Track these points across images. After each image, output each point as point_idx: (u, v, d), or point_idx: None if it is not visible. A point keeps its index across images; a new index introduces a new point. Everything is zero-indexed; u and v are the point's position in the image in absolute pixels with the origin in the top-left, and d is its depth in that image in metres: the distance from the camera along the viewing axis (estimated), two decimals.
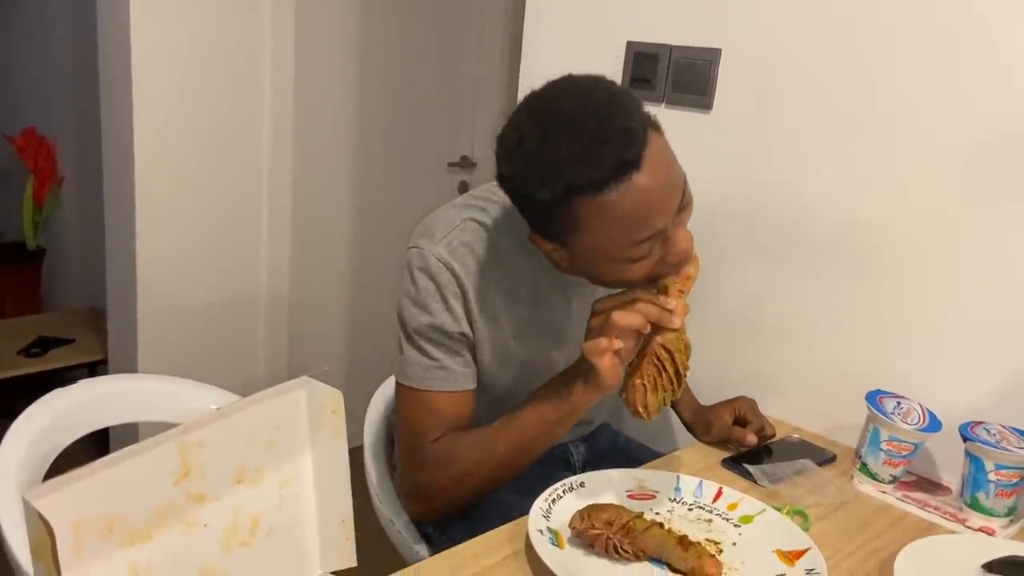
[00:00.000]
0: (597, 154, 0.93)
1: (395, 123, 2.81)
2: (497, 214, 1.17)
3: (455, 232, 1.14)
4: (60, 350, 2.79)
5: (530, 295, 1.18)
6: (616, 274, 1.04)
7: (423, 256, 1.13)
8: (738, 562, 1.01)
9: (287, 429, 0.78)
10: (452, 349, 1.15)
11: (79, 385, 1.23)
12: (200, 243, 2.44)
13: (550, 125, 0.95)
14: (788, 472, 1.26)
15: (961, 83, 1.25)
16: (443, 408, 1.16)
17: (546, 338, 1.22)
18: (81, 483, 0.59)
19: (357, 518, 0.87)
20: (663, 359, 1.03)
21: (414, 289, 1.14)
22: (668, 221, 0.99)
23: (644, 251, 1.00)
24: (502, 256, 1.15)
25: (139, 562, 0.65)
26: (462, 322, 1.14)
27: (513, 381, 1.21)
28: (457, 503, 1.20)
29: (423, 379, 1.15)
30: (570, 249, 1.04)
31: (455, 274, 1.12)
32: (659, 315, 1.00)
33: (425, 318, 1.13)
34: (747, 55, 1.48)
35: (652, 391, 1.04)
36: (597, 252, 1.01)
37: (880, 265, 1.36)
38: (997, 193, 1.24)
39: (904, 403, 1.27)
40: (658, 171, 0.96)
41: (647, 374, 1.04)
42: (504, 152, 1.01)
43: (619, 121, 0.95)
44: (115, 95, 2.27)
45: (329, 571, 0.84)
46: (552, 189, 0.96)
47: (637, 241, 0.98)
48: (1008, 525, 1.19)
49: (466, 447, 1.15)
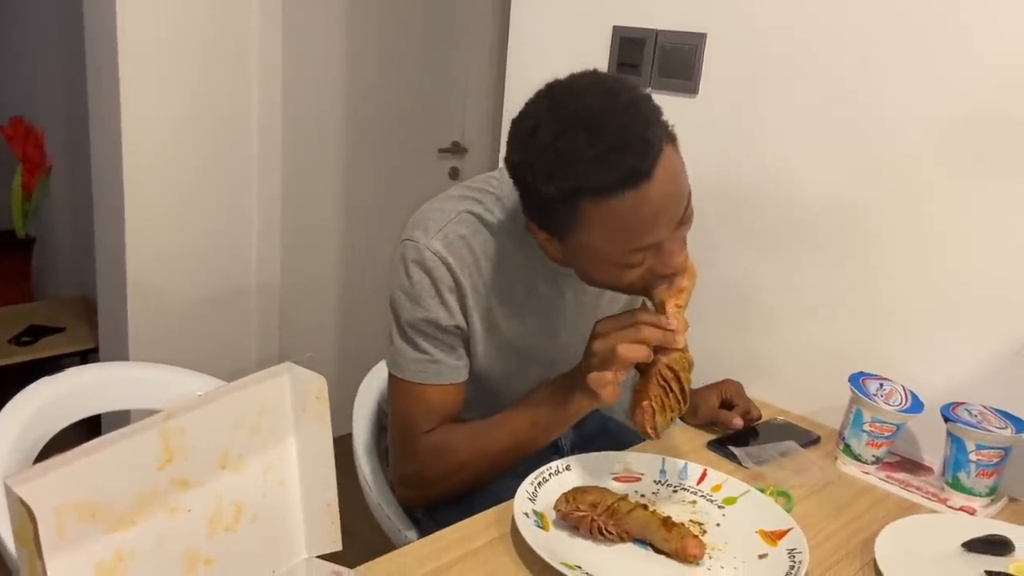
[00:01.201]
0: (612, 160, 0.93)
1: (385, 110, 2.81)
2: (492, 206, 1.16)
3: (451, 225, 1.13)
4: (51, 338, 2.79)
5: (524, 287, 1.18)
6: (607, 276, 1.05)
7: (418, 250, 1.12)
8: (721, 542, 1.02)
9: (271, 415, 0.79)
10: (445, 343, 1.15)
11: (67, 373, 1.23)
12: (190, 232, 2.43)
13: (570, 122, 0.95)
14: (773, 454, 1.28)
15: (942, 64, 1.26)
16: (434, 400, 1.16)
17: (540, 330, 1.22)
18: (63, 469, 0.60)
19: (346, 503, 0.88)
20: (668, 379, 1.03)
21: (408, 283, 1.13)
22: (668, 234, 1.00)
23: (639, 259, 1.01)
24: (497, 249, 1.15)
25: (123, 547, 0.65)
26: (457, 315, 1.14)
27: (507, 371, 1.22)
28: (449, 493, 1.21)
29: (415, 372, 1.15)
30: (565, 244, 1.04)
31: (451, 269, 1.11)
32: (663, 338, 0.99)
33: (419, 312, 1.13)
34: (732, 39, 1.48)
35: (660, 412, 1.05)
36: (592, 253, 1.02)
37: (863, 249, 1.37)
38: (978, 175, 1.25)
39: (887, 385, 1.28)
40: (667, 184, 0.97)
41: (654, 395, 1.04)
42: (517, 139, 1.01)
43: (639, 130, 0.94)
44: (102, 83, 2.26)
45: (314, 555, 0.85)
46: (559, 186, 0.96)
47: (634, 249, 0.99)
48: (988, 504, 1.20)
49: (459, 441, 1.16)
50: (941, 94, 1.26)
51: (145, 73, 2.23)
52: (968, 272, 1.27)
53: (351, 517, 1.23)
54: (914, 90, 1.29)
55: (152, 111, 2.27)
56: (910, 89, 1.29)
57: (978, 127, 1.24)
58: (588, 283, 1.11)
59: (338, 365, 2.78)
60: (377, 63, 2.74)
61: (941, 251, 1.29)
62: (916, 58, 1.28)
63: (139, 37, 2.19)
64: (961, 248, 1.28)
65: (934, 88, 1.27)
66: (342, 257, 2.86)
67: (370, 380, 1.53)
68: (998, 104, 1.22)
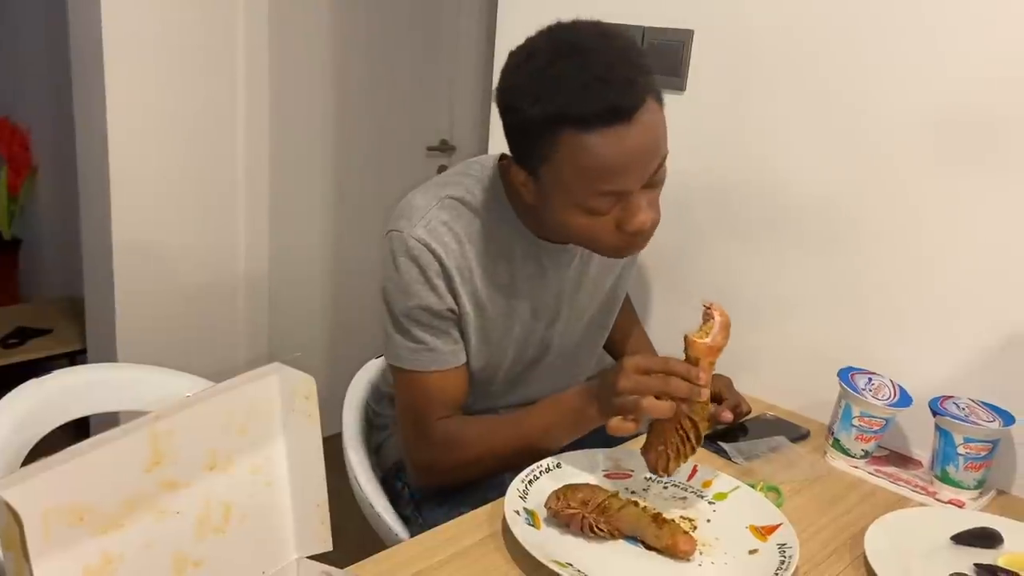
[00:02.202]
0: (596, 91, 0.96)
1: (373, 108, 2.80)
2: (473, 188, 1.18)
3: (433, 211, 1.15)
4: (38, 340, 2.78)
5: (507, 266, 1.20)
6: (574, 222, 1.06)
7: (403, 239, 1.13)
8: (712, 538, 1.03)
9: (259, 415, 0.78)
10: (440, 329, 1.16)
11: (55, 375, 1.23)
12: (177, 232, 2.42)
13: (563, 51, 0.99)
14: (762, 449, 1.28)
15: (928, 61, 1.26)
16: (437, 387, 1.18)
17: (526, 308, 1.23)
18: (50, 472, 0.60)
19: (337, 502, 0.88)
20: (688, 429, 1.03)
21: (397, 273, 1.15)
22: (636, 186, 1.01)
23: (604, 206, 1.02)
24: (480, 231, 1.17)
25: (111, 551, 0.65)
26: (447, 299, 1.15)
27: (496, 355, 1.23)
28: (461, 482, 1.22)
29: (412, 361, 1.17)
30: (539, 181, 1.06)
31: (435, 254, 1.13)
32: (689, 392, 1.00)
33: (411, 301, 1.14)
34: (719, 36, 1.48)
35: (675, 459, 1.05)
36: (561, 191, 1.04)
37: (852, 244, 1.37)
38: (964, 170, 1.25)
39: (875, 379, 1.28)
40: (645, 135, 0.99)
41: (671, 443, 1.04)
42: (510, 65, 1.05)
43: (624, 70, 0.98)
44: (88, 83, 2.25)
45: (305, 556, 0.84)
46: (543, 109, 0.99)
47: (600, 192, 1.01)
48: (977, 497, 1.21)
49: (471, 436, 1.18)
50: (926, 91, 1.27)
51: (131, 73, 2.21)
52: (955, 266, 1.28)
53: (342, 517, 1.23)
54: (900, 86, 1.29)
55: (138, 111, 2.26)
56: (896, 85, 1.30)
57: (964, 123, 1.24)
58: (559, 238, 1.13)
59: (328, 364, 2.77)
60: (365, 61, 2.73)
61: (929, 246, 1.30)
62: (902, 55, 1.28)
63: (124, 36, 2.18)
64: (948, 242, 1.28)
65: (920, 85, 1.27)
66: (331, 257, 2.85)
67: (359, 378, 1.53)
68: (983, 100, 1.22)
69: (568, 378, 1.35)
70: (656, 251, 1.62)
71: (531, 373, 1.30)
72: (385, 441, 1.41)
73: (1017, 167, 1.20)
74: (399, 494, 1.33)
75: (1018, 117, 1.19)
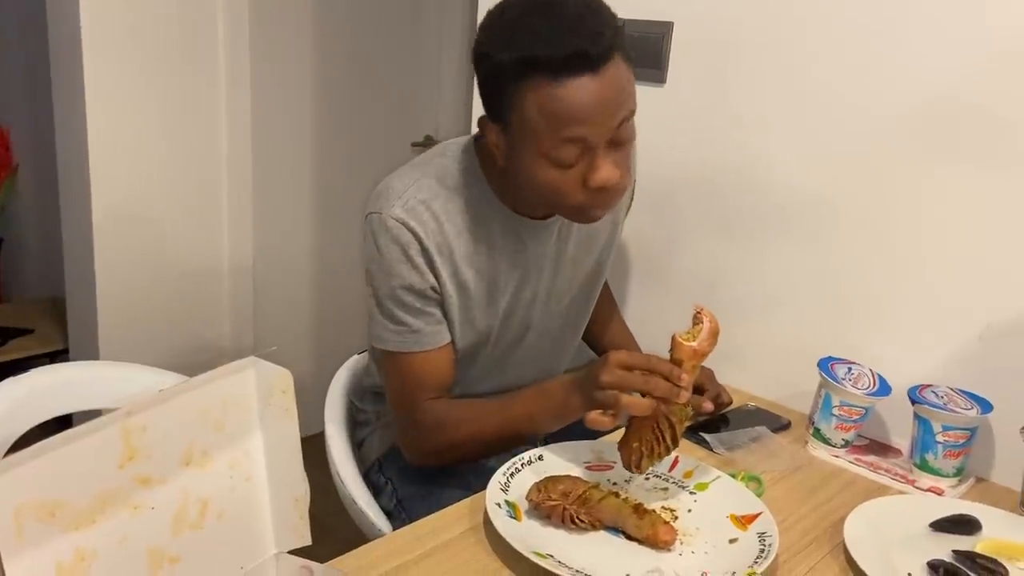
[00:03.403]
0: (562, 39, 0.99)
1: (358, 105, 2.79)
2: (449, 167, 1.20)
3: (411, 191, 1.16)
4: (20, 340, 2.75)
5: (487, 243, 1.21)
6: (542, 175, 1.07)
7: (382, 220, 1.15)
8: (693, 528, 1.03)
9: (236, 410, 0.78)
10: (422, 310, 1.17)
11: (32, 373, 1.22)
12: (159, 230, 2.41)
13: (535, 5, 1.03)
14: (744, 439, 1.29)
15: (909, 53, 1.27)
16: (422, 369, 1.19)
17: (506, 283, 1.24)
18: (21, 468, 0.59)
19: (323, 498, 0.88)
20: (664, 429, 1.03)
21: (378, 255, 1.16)
22: (600, 138, 1.03)
23: (570, 155, 1.04)
24: (457, 208, 1.18)
25: (84, 546, 0.64)
26: (428, 276, 1.16)
27: (479, 334, 1.24)
28: (452, 462, 1.24)
29: (397, 343, 1.18)
30: (510, 136, 1.08)
31: (414, 232, 1.14)
32: (668, 391, 1.00)
33: (394, 280, 1.16)
34: (698, 28, 1.49)
35: (647, 457, 1.05)
36: (530, 140, 1.05)
37: (831, 235, 1.38)
38: (941, 162, 1.26)
39: (855, 368, 1.29)
40: (611, 86, 1.02)
41: (646, 440, 1.04)
42: (485, 22, 1.08)
43: (593, 24, 1.01)
44: (67, 81, 2.23)
45: (284, 551, 0.84)
46: (512, 55, 1.02)
47: (565, 138, 1.03)
48: (956, 485, 1.22)
49: (457, 420, 1.19)
50: (908, 84, 1.27)
51: (110, 69, 2.20)
52: (934, 257, 1.29)
53: (326, 512, 1.23)
54: (881, 80, 1.30)
55: (118, 108, 2.24)
56: (877, 79, 1.30)
57: (944, 116, 1.25)
58: (530, 198, 1.15)
59: (314, 360, 2.77)
60: (348, 58, 2.72)
61: (908, 237, 1.31)
62: (884, 48, 1.29)
63: (103, 33, 2.16)
64: (927, 234, 1.29)
65: (901, 78, 1.28)
66: (315, 253, 2.84)
67: (341, 374, 1.52)
68: (965, 94, 1.23)
69: (548, 362, 1.36)
70: (639, 243, 1.63)
71: (512, 355, 1.31)
72: (367, 437, 1.40)
73: (996, 161, 1.21)
74: (381, 489, 1.33)
75: (1001, 111, 1.20)
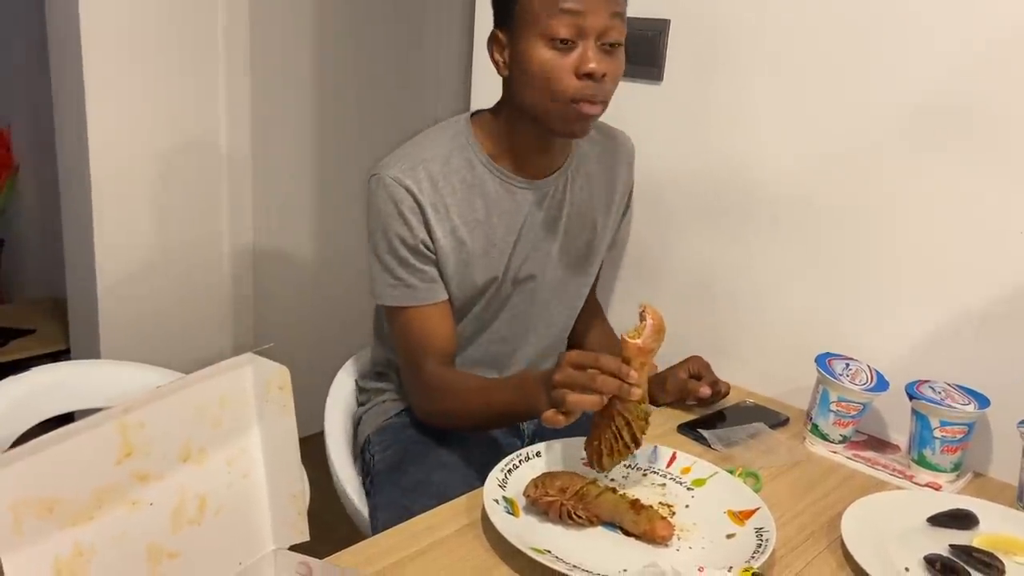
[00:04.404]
0: None
1: (357, 104, 2.79)
2: (449, 140, 1.28)
3: (410, 156, 1.25)
4: (21, 341, 2.76)
5: (483, 202, 1.27)
6: (539, 56, 1.15)
7: (380, 179, 1.23)
8: (690, 523, 1.03)
9: (233, 406, 0.78)
10: (416, 267, 1.24)
11: (32, 372, 1.23)
12: (160, 229, 2.41)
13: None
14: (741, 436, 1.29)
15: (902, 52, 1.27)
16: (422, 327, 1.26)
17: (502, 240, 1.29)
18: (17, 464, 0.59)
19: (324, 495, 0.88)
20: (620, 427, 1.05)
21: (375, 211, 1.24)
22: (592, 21, 1.13)
23: (564, 32, 1.13)
24: (454, 168, 1.25)
25: (82, 542, 0.65)
26: (420, 232, 1.23)
27: (478, 286, 1.29)
28: (452, 427, 1.31)
29: (392, 297, 1.26)
30: (512, 28, 1.18)
31: (409, 190, 1.22)
32: (618, 388, 1.02)
33: (390, 234, 1.23)
34: (695, 25, 1.49)
35: (608, 455, 1.07)
36: (529, 22, 1.16)
37: (829, 231, 1.38)
38: (936, 158, 1.26)
39: (853, 364, 1.29)
40: None
41: (604, 439, 1.06)
42: None
43: None
44: (67, 81, 2.23)
45: (282, 547, 0.84)
46: None
47: (561, 10, 1.13)
48: (954, 480, 1.22)
49: (453, 391, 1.25)
50: (902, 79, 1.28)
51: (110, 70, 2.20)
52: (929, 251, 1.29)
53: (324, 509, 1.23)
54: (875, 75, 1.30)
55: (118, 108, 2.24)
56: (871, 74, 1.30)
57: (938, 111, 1.25)
58: (526, 91, 1.19)
59: (314, 360, 2.76)
60: (347, 56, 2.72)
61: (904, 232, 1.31)
62: (876, 44, 1.29)
63: (103, 33, 2.16)
64: (921, 228, 1.29)
65: (895, 73, 1.28)
66: (316, 251, 2.85)
67: (343, 375, 1.53)
68: (958, 88, 1.23)
69: (537, 327, 1.40)
70: (634, 241, 1.63)
71: (504, 311, 1.36)
72: (363, 416, 1.44)
73: (989, 154, 1.21)
74: (368, 467, 1.35)
75: (994, 104, 1.20)
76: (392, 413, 1.39)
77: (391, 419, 1.39)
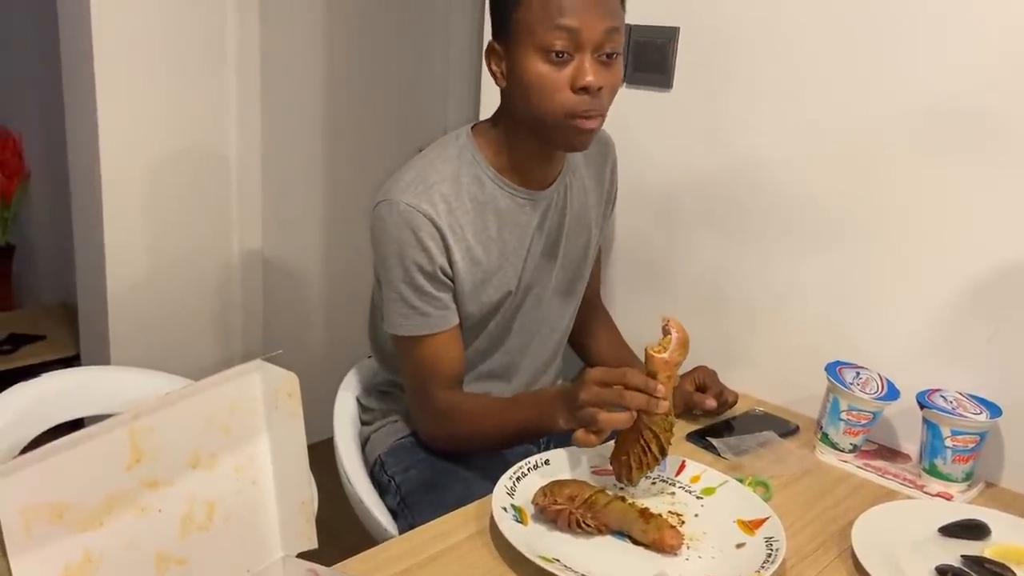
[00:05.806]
0: None
1: (367, 110, 2.80)
2: (450, 154, 1.26)
3: (418, 179, 1.21)
4: (31, 347, 2.77)
5: (495, 217, 1.26)
6: (535, 70, 1.14)
7: (391, 206, 1.19)
8: (700, 532, 1.03)
9: (242, 413, 0.78)
10: (432, 294, 1.22)
11: (43, 378, 1.23)
12: (170, 235, 2.42)
13: None
14: (751, 444, 1.28)
15: (913, 57, 1.26)
16: (433, 354, 1.24)
17: (518, 250, 1.29)
18: (28, 470, 0.60)
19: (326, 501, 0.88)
20: (649, 440, 1.05)
21: (388, 239, 1.20)
22: (588, 35, 1.12)
23: (560, 45, 1.12)
24: (463, 187, 1.23)
25: (92, 548, 0.65)
26: (439, 258, 1.20)
27: (494, 302, 1.29)
28: (461, 451, 1.30)
29: (406, 327, 1.23)
30: (510, 41, 1.16)
31: (427, 215, 1.19)
32: (646, 403, 1.02)
33: (406, 261, 1.20)
34: (704, 33, 1.49)
35: (637, 468, 1.07)
36: (526, 36, 1.14)
37: (839, 239, 1.38)
38: (949, 164, 1.25)
39: (863, 373, 1.28)
40: None
41: (633, 452, 1.06)
42: None
43: None
44: (78, 88, 2.24)
45: (290, 554, 0.84)
46: None
47: (557, 26, 1.11)
48: (965, 490, 1.21)
49: (466, 414, 1.24)
50: (913, 85, 1.27)
51: (121, 77, 2.21)
52: (942, 261, 1.28)
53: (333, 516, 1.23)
54: (886, 81, 1.30)
55: (129, 115, 2.25)
56: (882, 81, 1.30)
57: (951, 117, 1.24)
58: (524, 104, 1.18)
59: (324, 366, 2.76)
60: (357, 62, 2.73)
61: (916, 240, 1.30)
62: (887, 50, 1.29)
63: (114, 41, 2.17)
64: (935, 237, 1.28)
65: (906, 79, 1.28)
66: (325, 258, 2.85)
67: (350, 379, 1.53)
68: (971, 93, 1.22)
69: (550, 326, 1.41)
70: (645, 248, 1.63)
71: (516, 320, 1.36)
72: (371, 436, 1.42)
73: (1002, 160, 1.21)
74: (386, 488, 1.33)
75: (1007, 109, 1.20)
76: (402, 434, 1.38)
77: (401, 439, 1.37)
